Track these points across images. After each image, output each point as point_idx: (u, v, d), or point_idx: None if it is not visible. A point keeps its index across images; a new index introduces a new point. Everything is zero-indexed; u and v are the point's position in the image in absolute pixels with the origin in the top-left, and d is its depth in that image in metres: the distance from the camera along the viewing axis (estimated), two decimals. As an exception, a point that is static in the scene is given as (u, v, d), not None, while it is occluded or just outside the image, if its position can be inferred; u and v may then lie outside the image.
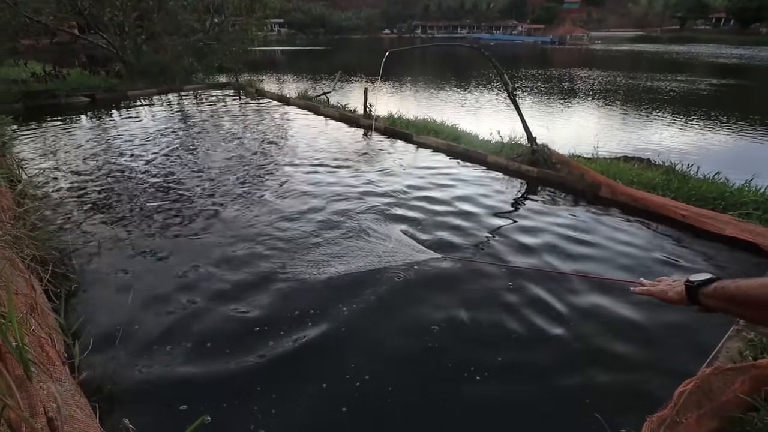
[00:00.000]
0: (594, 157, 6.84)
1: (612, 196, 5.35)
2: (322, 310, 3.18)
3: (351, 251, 4.04)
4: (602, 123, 11.49)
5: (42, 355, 1.94)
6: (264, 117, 11.04)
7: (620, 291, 3.35)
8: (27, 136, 8.88)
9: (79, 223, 4.74)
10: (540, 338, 2.91)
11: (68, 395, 1.81)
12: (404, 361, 2.71)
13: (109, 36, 16.70)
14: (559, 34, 65.31)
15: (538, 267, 3.81)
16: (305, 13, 79.69)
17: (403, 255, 3.91)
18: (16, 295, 2.37)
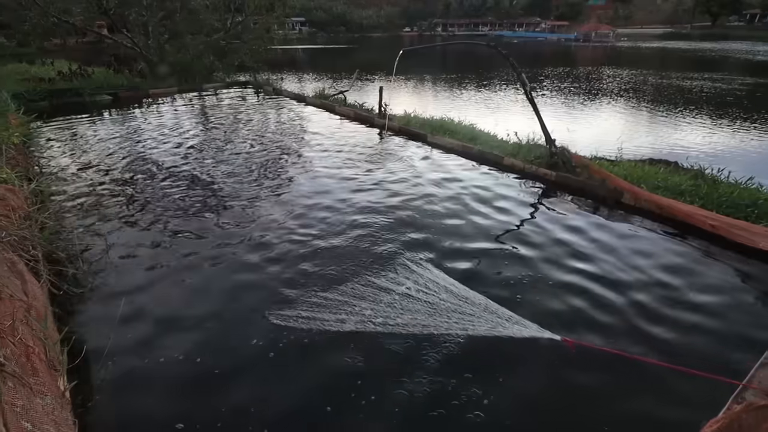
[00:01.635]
0: (617, 159, 6.53)
1: (635, 203, 5.07)
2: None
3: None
4: (627, 124, 11.03)
5: (26, 366, 1.89)
6: (280, 116, 11.04)
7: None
8: (50, 133, 9.10)
9: (93, 222, 4.77)
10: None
11: (47, 410, 1.74)
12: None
13: (134, 35, 17.06)
14: (584, 31, 63.51)
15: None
16: (326, 12, 79.94)
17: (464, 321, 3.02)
18: (10, 299, 2.34)
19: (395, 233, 4.43)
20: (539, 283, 3.60)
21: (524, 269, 3.80)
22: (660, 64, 27.36)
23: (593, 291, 3.49)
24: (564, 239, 4.35)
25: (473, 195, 5.53)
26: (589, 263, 3.89)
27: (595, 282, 3.61)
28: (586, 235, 4.45)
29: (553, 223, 4.73)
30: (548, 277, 3.68)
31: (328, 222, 4.70)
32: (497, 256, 4.04)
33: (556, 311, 3.25)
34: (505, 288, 3.52)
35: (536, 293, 3.46)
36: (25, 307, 2.36)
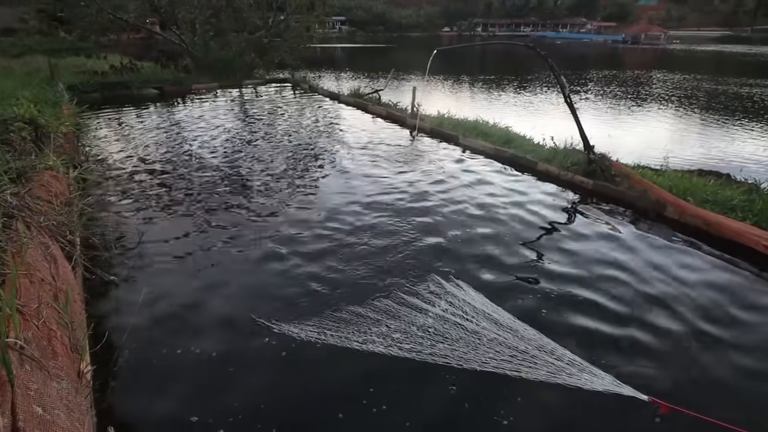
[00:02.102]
0: (662, 169, 6.13)
1: (679, 217, 4.72)
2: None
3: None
4: (676, 132, 10.37)
5: (46, 350, 1.95)
6: (314, 114, 11.16)
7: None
8: (98, 123, 9.61)
9: (129, 210, 4.98)
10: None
11: (61, 395, 1.79)
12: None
13: (182, 32, 17.80)
14: (633, 33, 60.64)
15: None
16: (366, 11, 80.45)
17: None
18: (40, 283, 2.44)
19: (421, 240, 4.28)
20: (581, 307, 3.27)
21: (562, 288, 3.50)
22: (716, 69, 25.67)
23: (647, 321, 3.11)
24: (602, 255, 4.07)
25: (504, 202, 5.32)
26: (634, 284, 3.58)
27: (645, 309, 3.26)
28: (625, 250, 4.16)
29: (590, 237, 4.46)
30: (590, 301, 3.34)
31: (354, 225, 4.63)
32: (530, 271, 3.78)
33: (607, 343, 2.88)
34: (543, 311, 3.20)
35: (580, 319, 3.12)
36: (53, 291, 2.46)
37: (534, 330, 2.83)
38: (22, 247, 2.51)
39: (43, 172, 4.19)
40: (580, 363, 2.50)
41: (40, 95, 8.01)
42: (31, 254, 2.55)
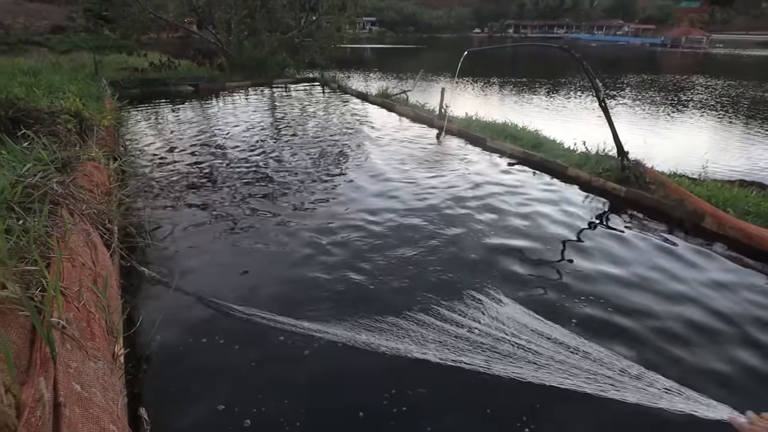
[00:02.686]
0: (701, 178, 5.88)
1: (718, 229, 4.51)
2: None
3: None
4: (717, 140, 9.90)
5: (85, 331, 2.05)
6: (342, 113, 11.27)
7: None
8: (138, 117, 10.03)
9: (164, 201, 5.17)
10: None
11: (98, 374, 1.88)
12: None
13: (218, 32, 18.35)
14: (673, 36, 58.27)
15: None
16: (397, 12, 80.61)
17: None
18: (81, 267, 2.57)
19: (449, 246, 4.19)
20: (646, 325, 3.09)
21: (604, 299, 3.37)
22: (762, 75, 24.33)
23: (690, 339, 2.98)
24: (655, 267, 3.91)
25: (533, 207, 5.20)
26: (671, 299, 3.46)
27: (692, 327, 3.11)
28: (661, 262, 4.00)
29: (625, 247, 4.29)
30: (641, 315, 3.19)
31: (380, 225, 4.63)
32: (565, 281, 3.64)
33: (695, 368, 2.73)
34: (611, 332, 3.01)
35: (655, 339, 2.95)
36: (93, 276, 2.58)
37: (604, 349, 2.67)
38: (66, 233, 2.65)
39: (86, 163, 4.41)
40: (680, 389, 2.22)
41: (84, 90, 8.43)
42: (73, 240, 2.69)
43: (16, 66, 10.66)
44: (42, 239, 2.39)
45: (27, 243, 2.24)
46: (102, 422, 1.61)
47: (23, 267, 2.04)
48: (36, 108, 5.64)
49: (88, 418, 1.56)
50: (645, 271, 3.82)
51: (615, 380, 2.37)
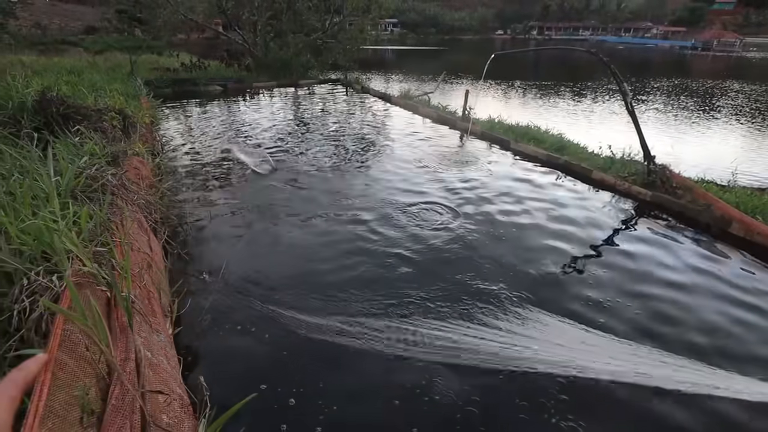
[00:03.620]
0: (729, 185, 5.82)
1: (745, 235, 4.49)
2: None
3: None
4: (747, 146, 9.68)
5: (147, 307, 2.27)
6: (365, 113, 11.48)
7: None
8: (171, 115, 10.46)
9: (199, 196, 5.45)
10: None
11: (161, 345, 2.09)
12: None
13: (245, 33, 18.86)
14: (704, 39, 56.49)
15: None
16: (419, 14, 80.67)
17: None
18: (137, 252, 2.81)
19: (475, 252, 4.19)
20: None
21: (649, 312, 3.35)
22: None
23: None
24: (667, 273, 3.93)
25: (559, 211, 5.24)
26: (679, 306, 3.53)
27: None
28: (690, 267, 4.03)
29: (656, 252, 4.30)
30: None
31: (405, 226, 4.73)
32: (599, 293, 3.57)
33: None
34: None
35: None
36: (148, 259, 2.82)
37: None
38: (123, 220, 2.89)
39: (132, 158, 4.70)
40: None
41: (123, 89, 8.85)
42: (130, 226, 2.93)
43: (59, 65, 11.24)
44: (106, 224, 2.63)
45: (94, 227, 2.48)
46: (170, 385, 1.82)
47: (94, 248, 2.27)
48: (83, 105, 6.00)
49: (158, 380, 1.77)
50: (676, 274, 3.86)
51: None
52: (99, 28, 43.04)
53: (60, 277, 1.84)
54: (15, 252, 2.02)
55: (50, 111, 5.11)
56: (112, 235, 2.64)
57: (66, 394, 1.19)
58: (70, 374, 1.29)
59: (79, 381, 1.32)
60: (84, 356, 1.45)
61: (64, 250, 1.93)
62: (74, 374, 1.31)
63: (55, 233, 1.99)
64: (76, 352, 1.40)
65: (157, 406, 1.62)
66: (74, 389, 1.26)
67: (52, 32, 41.11)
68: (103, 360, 1.51)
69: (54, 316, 1.67)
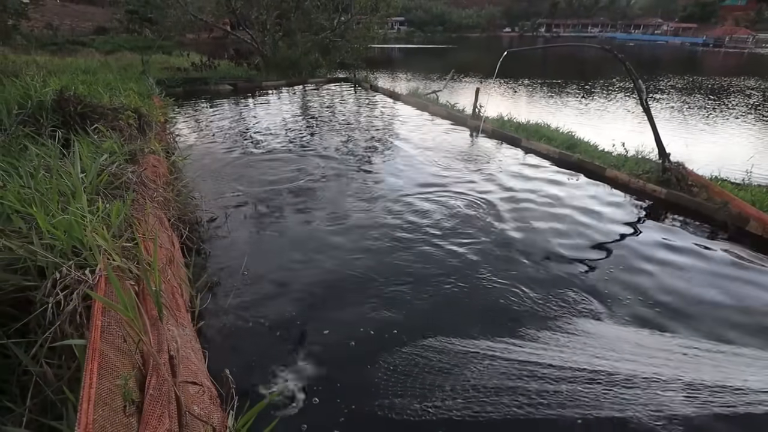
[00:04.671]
0: (744, 183, 5.76)
1: (763, 233, 4.45)
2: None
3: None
4: (762, 144, 9.55)
5: (172, 302, 2.31)
6: (374, 111, 11.49)
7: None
8: (183, 114, 10.56)
9: (214, 193, 5.52)
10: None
11: (187, 339, 2.13)
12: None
13: (254, 32, 18.94)
14: (716, 35, 55.70)
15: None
16: (426, 12, 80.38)
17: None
18: (160, 248, 2.85)
19: (492, 253, 4.13)
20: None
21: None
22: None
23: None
24: (688, 272, 3.90)
25: (573, 208, 5.23)
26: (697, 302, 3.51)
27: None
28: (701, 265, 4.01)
29: (673, 251, 4.26)
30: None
31: (417, 227, 4.68)
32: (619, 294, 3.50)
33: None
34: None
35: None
36: (170, 255, 2.87)
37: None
38: (146, 216, 2.94)
39: (148, 156, 4.76)
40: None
41: (136, 88, 8.95)
42: (152, 223, 2.98)
43: (73, 66, 11.39)
44: (130, 221, 2.68)
45: (121, 223, 2.53)
46: (198, 377, 1.85)
47: (122, 243, 2.31)
48: (100, 104, 6.08)
49: (188, 372, 1.80)
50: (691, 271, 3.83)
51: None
52: (109, 29, 43.44)
53: (92, 270, 1.88)
54: (46, 246, 2.07)
55: (68, 110, 5.19)
56: (136, 231, 2.69)
57: (109, 383, 1.23)
58: (110, 364, 1.32)
59: (119, 371, 1.35)
60: (121, 347, 1.49)
61: (95, 244, 1.97)
62: (114, 364, 1.35)
63: (86, 228, 2.04)
64: (114, 343, 1.44)
65: (189, 397, 1.66)
66: (115, 378, 1.29)
67: (63, 33, 41.56)
68: (138, 351, 1.54)
69: (88, 310, 1.71)
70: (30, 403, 1.55)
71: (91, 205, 2.58)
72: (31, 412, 1.56)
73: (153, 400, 1.31)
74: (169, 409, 1.36)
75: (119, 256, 2.10)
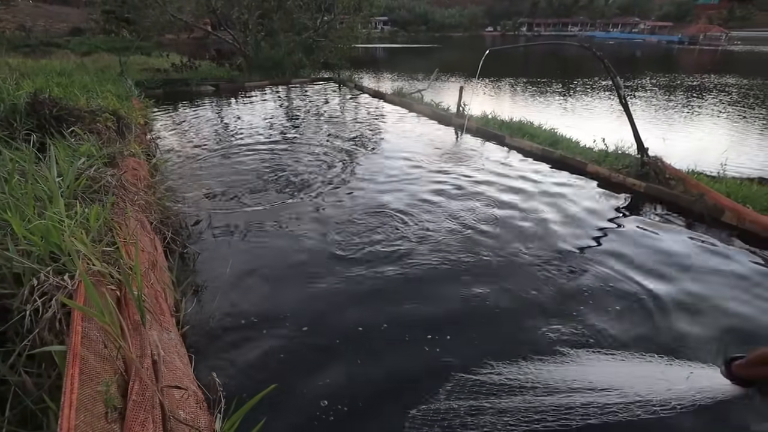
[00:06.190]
0: (719, 176, 5.93)
1: (737, 223, 4.59)
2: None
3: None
4: (735, 138, 9.85)
5: (156, 306, 2.28)
6: (359, 111, 11.48)
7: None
8: (163, 117, 10.37)
9: (197, 196, 5.42)
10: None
11: (172, 343, 2.10)
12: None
13: (235, 32, 18.71)
14: (691, 33, 57.26)
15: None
16: (409, 11, 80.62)
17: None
18: (142, 252, 2.80)
19: (471, 246, 4.23)
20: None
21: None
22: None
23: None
24: (650, 256, 4.07)
25: (556, 203, 5.32)
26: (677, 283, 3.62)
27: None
28: (675, 252, 4.14)
29: (649, 240, 4.40)
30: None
31: (400, 230, 4.63)
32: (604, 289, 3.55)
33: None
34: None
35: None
36: (153, 259, 2.82)
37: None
38: (126, 220, 2.88)
39: (128, 159, 4.68)
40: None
41: (114, 90, 8.75)
42: (133, 226, 2.93)
43: (48, 67, 11.08)
44: (110, 224, 2.62)
45: (100, 227, 2.48)
46: (183, 382, 1.83)
47: (102, 248, 2.27)
48: (76, 107, 5.93)
49: (173, 377, 1.78)
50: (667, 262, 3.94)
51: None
52: (85, 30, 42.32)
53: (71, 276, 1.84)
54: (22, 253, 2.01)
55: (43, 113, 5.05)
56: (117, 235, 2.64)
57: (91, 390, 1.20)
58: (91, 370, 1.30)
59: (100, 377, 1.33)
60: (102, 353, 1.46)
61: (73, 249, 1.93)
62: (95, 370, 1.32)
63: (63, 233, 1.99)
64: (94, 349, 1.41)
65: (174, 401, 1.64)
66: (97, 385, 1.27)
67: (37, 34, 40.37)
68: (120, 357, 1.52)
69: (68, 316, 1.67)
70: (9, 413, 1.51)
71: (69, 210, 2.52)
72: (10, 423, 1.52)
73: (136, 406, 1.29)
74: (152, 415, 1.34)
75: (99, 261, 2.05)
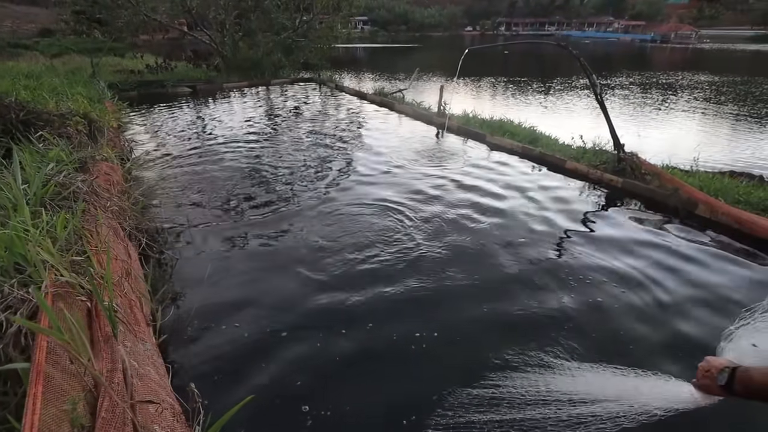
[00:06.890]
0: (692, 170, 6.10)
1: (710, 216, 4.73)
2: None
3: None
4: (706, 133, 10.17)
5: (130, 316, 2.19)
6: (340, 111, 11.40)
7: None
8: (138, 119, 10.09)
9: (174, 201, 5.27)
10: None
11: (148, 354, 2.02)
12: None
13: (212, 33, 18.36)
14: (662, 32, 59.12)
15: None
16: (389, 11, 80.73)
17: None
18: (115, 260, 2.71)
19: (450, 242, 4.31)
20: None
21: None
22: (752, 70, 24.79)
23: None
24: (626, 249, 4.16)
25: (535, 199, 5.39)
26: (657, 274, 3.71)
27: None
28: (653, 244, 4.24)
29: (624, 234, 4.50)
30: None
31: (385, 231, 4.56)
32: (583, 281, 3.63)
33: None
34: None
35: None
36: (127, 267, 2.72)
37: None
38: (98, 227, 2.78)
39: (101, 163, 4.52)
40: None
41: (86, 92, 8.48)
42: (105, 234, 2.82)
43: (15, 70, 10.67)
44: (80, 232, 2.52)
45: (69, 236, 2.38)
46: (159, 394, 1.76)
47: (70, 257, 2.17)
48: (45, 110, 5.72)
49: (147, 390, 1.71)
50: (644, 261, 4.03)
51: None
52: (55, 31, 40.89)
53: (38, 288, 1.75)
54: (-16, 265, 1.91)
55: (9, 117, 4.85)
56: (87, 244, 2.54)
57: (56, 409, 1.14)
58: (57, 388, 1.23)
59: (66, 395, 1.26)
60: (69, 370, 1.39)
61: (39, 260, 1.84)
62: (61, 388, 1.26)
63: (29, 243, 1.90)
64: (61, 365, 1.34)
65: (149, 416, 1.57)
66: (63, 403, 1.20)
67: (4, 35, 38.86)
68: (88, 373, 1.45)
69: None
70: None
71: (36, 218, 2.41)
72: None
73: (105, 424, 1.23)
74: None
75: (68, 271, 1.97)
